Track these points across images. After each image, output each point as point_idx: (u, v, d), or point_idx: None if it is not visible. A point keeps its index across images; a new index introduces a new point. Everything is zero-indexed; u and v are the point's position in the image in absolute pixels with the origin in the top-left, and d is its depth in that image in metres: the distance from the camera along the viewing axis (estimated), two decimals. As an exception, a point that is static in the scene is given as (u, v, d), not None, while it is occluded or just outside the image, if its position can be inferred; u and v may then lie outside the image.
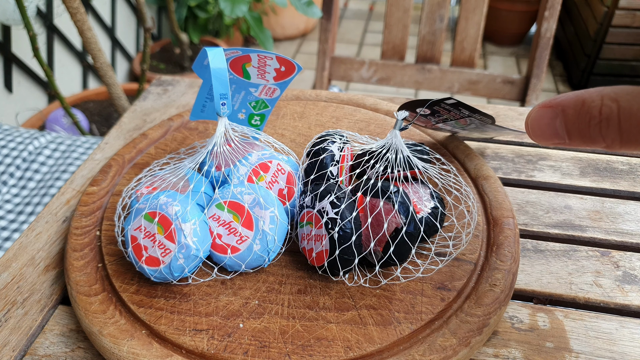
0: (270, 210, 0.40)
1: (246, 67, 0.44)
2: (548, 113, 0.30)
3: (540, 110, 0.30)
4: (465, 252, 0.43)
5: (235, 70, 0.44)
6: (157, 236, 0.39)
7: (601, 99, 0.26)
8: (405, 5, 1.17)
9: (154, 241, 0.39)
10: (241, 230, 0.40)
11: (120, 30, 2.06)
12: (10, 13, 1.21)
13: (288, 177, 0.44)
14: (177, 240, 0.38)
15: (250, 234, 0.40)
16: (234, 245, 0.40)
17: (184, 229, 0.38)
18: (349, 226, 0.38)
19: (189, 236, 0.38)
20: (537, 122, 0.30)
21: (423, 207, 0.41)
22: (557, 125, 0.29)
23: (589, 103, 0.27)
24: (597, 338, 0.39)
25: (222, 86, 0.40)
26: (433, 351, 0.36)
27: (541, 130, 0.30)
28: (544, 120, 0.30)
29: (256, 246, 0.40)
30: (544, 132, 0.30)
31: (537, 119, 0.30)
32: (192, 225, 0.39)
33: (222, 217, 0.41)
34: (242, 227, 0.40)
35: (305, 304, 0.39)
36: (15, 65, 1.50)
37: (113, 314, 0.39)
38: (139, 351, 0.36)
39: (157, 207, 0.39)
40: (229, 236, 0.40)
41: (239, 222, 0.40)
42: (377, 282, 0.40)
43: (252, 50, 0.43)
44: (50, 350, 0.39)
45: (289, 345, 0.36)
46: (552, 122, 0.29)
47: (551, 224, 0.49)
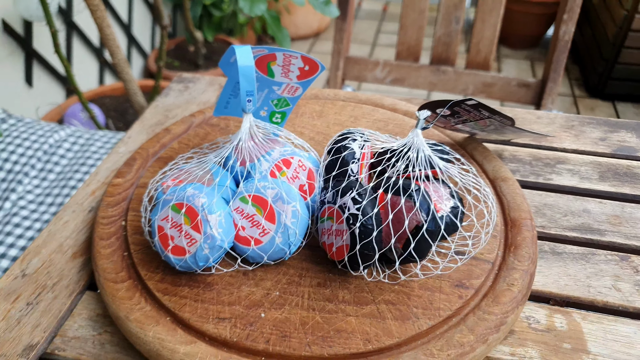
0: (292, 205, 0.41)
1: (271, 66, 0.45)
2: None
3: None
4: (483, 252, 0.43)
5: (260, 69, 0.45)
6: (183, 227, 0.40)
7: None
8: (421, 7, 1.18)
9: (181, 231, 0.40)
10: (264, 223, 0.41)
11: (136, 28, 2.08)
12: (34, 10, 1.22)
13: (309, 173, 0.45)
14: (202, 230, 0.39)
15: (273, 227, 0.41)
16: (256, 238, 0.41)
17: (210, 220, 0.39)
18: (370, 222, 0.39)
19: (215, 227, 0.39)
20: None
21: (443, 206, 0.42)
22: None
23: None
24: (615, 341, 0.40)
25: (248, 83, 0.41)
26: (451, 347, 0.37)
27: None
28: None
29: (278, 239, 0.41)
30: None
31: None
32: (218, 217, 0.40)
33: (245, 210, 0.42)
34: (265, 220, 0.41)
35: (324, 296, 0.40)
36: (35, 61, 1.52)
37: (139, 301, 0.40)
38: (164, 336, 0.37)
39: (184, 198, 0.40)
40: (252, 228, 0.41)
41: (262, 216, 0.41)
42: (396, 278, 0.41)
43: (278, 49, 0.44)
44: (79, 333, 0.40)
45: (309, 336, 0.37)
46: None
47: (569, 227, 0.50)
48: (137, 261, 0.42)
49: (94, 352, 0.39)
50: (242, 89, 0.41)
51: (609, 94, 2.30)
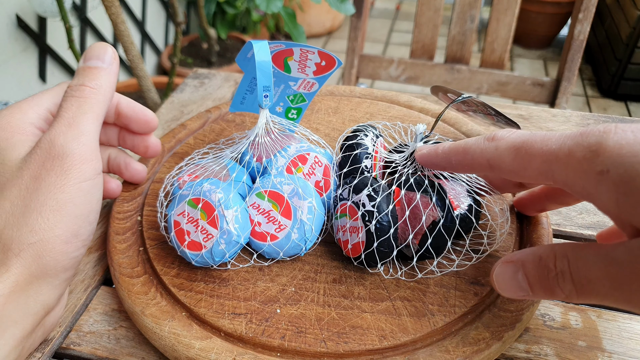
0: (308, 201, 0.41)
1: (288, 61, 0.45)
2: (510, 268, 0.33)
3: (502, 266, 0.34)
4: (498, 249, 0.43)
5: (277, 64, 0.45)
6: (200, 222, 0.40)
7: (554, 255, 0.30)
8: (436, 5, 1.17)
9: (197, 226, 0.40)
10: (280, 219, 0.41)
11: (149, 24, 2.09)
12: (48, 5, 1.23)
13: (325, 169, 0.45)
14: (219, 226, 0.39)
15: (289, 223, 0.41)
16: (272, 233, 0.41)
17: (227, 216, 0.39)
18: (387, 219, 0.39)
19: (231, 222, 0.39)
20: (501, 277, 0.34)
21: (460, 203, 0.42)
22: (519, 278, 0.32)
23: (545, 259, 0.31)
24: (630, 339, 0.40)
25: (265, 78, 0.41)
26: (466, 344, 0.37)
27: (505, 284, 0.34)
28: (507, 275, 0.33)
29: (294, 235, 0.41)
30: (508, 286, 0.33)
31: (501, 274, 0.34)
32: (234, 212, 0.40)
33: (262, 205, 0.42)
34: (281, 216, 0.41)
35: (340, 293, 0.40)
36: (49, 56, 1.53)
37: (154, 296, 0.40)
38: (179, 332, 0.37)
39: (201, 193, 0.40)
40: (268, 224, 0.41)
41: (278, 211, 0.41)
42: (412, 275, 0.41)
43: (295, 44, 0.44)
44: (94, 327, 0.41)
45: (325, 332, 0.37)
46: (514, 276, 0.33)
47: (584, 225, 0.49)
48: (153, 256, 0.43)
49: (109, 346, 0.39)
50: (259, 84, 0.41)
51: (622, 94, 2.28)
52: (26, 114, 0.37)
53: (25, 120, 0.37)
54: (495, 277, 0.34)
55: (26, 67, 1.47)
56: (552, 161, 0.30)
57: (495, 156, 0.34)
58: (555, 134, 0.31)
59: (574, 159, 0.29)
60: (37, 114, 0.38)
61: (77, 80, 0.38)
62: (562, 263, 0.30)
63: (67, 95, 0.37)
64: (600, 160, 0.28)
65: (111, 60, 0.39)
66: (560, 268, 0.30)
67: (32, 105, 0.38)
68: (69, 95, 0.37)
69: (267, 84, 0.41)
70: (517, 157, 0.33)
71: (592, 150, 0.28)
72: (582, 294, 0.29)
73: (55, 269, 0.34)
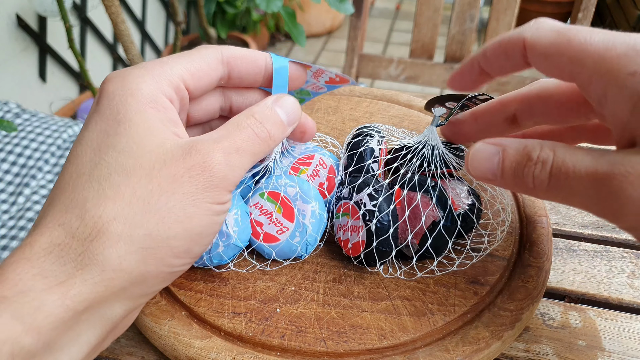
0: (311, 205, 0.41)
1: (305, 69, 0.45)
2: (490, 149, 0.33)
3: (483, 145, 0.33)
4: (498, 249, 0.43)
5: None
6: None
7: (541, 147, 0.30)
8: (436, 5, 1.17)
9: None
10: (282, 221, 0.41)
11: (149, 24, 2.09)
12: (48, 4, 1.23)
13: (329, 170, 0.45)
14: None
15: (291, 225, 0.41)
16: (274, 235, 0.41)
17: (227, 218, 0.39)
18: (387, 218, 0.39)
19: (230, 226, 0.39)
20: (478, 155, 0.33)
21: (461, 203, 0.42)
22: (495, 161, 0.32)
23: (530, 147, 0.30)
24: (630, 338, 0.40)
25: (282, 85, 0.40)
26: (466, 343, 0.37)
27: (479, 163, 0.33)
28: (484, 154, 0.33)
29: (295, 238, 0.41)
30: (480, 165, 0.33)
31: (479, 152, 0.33)
32: (234, 215, 0.40)
33: (264, 206, 0.42)
34: (283, 218, 0.41)
35: (340, 292, 0.40)
36: (49, 56, 1.53)
37: (154, 295, 0.40)
38: (179, 331, 0.37)
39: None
40: (269, 225, 0.41)
41: (280, 213, 0.41)
42: (412, 275, 0.41)
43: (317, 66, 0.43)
44: (94, 327, 0.41)
45: (325, 331, 0.37)
46: (491, 158, 0.32)
47: (584, 224, 0.49)
48: (153, 255, 0.43)
49: (109, 346, 0.39)
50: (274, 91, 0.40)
51: (623, 93, 2.28)
52: (159, 82, 0.32)
53: (157, 90, 0.32)
54: (471, 154, 0.34)
55: (26, 67, 1.47)
56: (589, 51, 0.30)
57: (535, 35, 0.33)
58: (603, 30, 0.31)
59: (612, 53, 0.29)
60: (169, 82, 0.33)
61: (262, 116, 0.34)
62: (547, 153, 0.29)
63: (248, 125, 0.33)
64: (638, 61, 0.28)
65: (292, 123, 0.37)
66: (543, 157, 0.29)
67: (166, 70, 0.33)
68: (249, 126, 0.33)
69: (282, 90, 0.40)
70: (557, 39, 0.31)
71: (636, 50, 0.28)
72: (552, 188, 0.29)
73: (155, 279, 0.30)
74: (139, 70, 0.32)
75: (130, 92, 0.31)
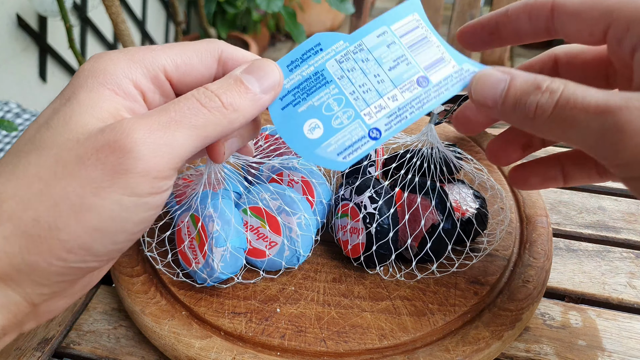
0: (296, 217, 0.40)
1: None
2: (498, 74, 0.31)
3: (492, 70, 0.31)
4: (498, 249, 0.43)
5: None
6: (194, 241, 0.39)
7: (552, 79, 0.28)
8: (436, 5, 1.17)
9: (192, 242, 0.39)
10: (269, 236, 0.40)
11: (150, 24, 2.09)
12: (48, 4, 1.23)
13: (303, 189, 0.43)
14: (206, 257, 0.38)
15: (279, 239, 0.40)
16: (263, 250, 0.40)
17: (214, 252, 0.38)
18: (387, 222, 0.39)
19: (217, 261, 0.38)
20: (483, 79, 0.31)
21: (468, 207, 0.42)
22: (499, 88, 0.30)
23: (540, 78, 0.29)
24: (630, 338, 0.40)
25: None
26: (466, 343, 0.37)
27: (482, 88, 0.31)
28: (491, 80, 0.31)
29: (285, 252, 0.40)
30: (483, 90, 0.31)
31: (485, 77, 0.31)
32: (223, 251, 0.38)
33: (249, 222, 0.41)
34: (271, 232, 0.40)
35: (340, 292, 0.40)
36: (50, 56, 1.53)
37: (154, 295, 0.40)
38: (179, 331, 0.37)
39: (202, 216, 0.39)
40: (258, 241, 0.41)
41: (266, 228, 0.41)
42: (412, 276, 0.41)
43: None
44: (94, 327, 0.41)
45: (325, 331, 0.37)
46: (496, 84, 0.30)
47: (584, 224, 0.49)
48: (152, 255, 0.43)
49: (109, 346, 0.39)
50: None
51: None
52: (131, 68, 0.29)
53: (125, 75, 0.29)
54: (477, 77, 0.32)
55: (26, 67, 1.47)
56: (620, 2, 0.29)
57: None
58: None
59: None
60: (146, 70, 0.30)
61: (218, 86, 0.29)
62: (558, 84, 0.28)
63: (192, 94, 0.29)
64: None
65: (268, 90, 0.31)
66: (553, 88, 0.28)
67: (147, 57, 0.30)
68: (193, 95, 0.29)
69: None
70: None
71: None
72: (554, 118, 0.28)
73: (48, 272, 0.26)
74: (119, 53, 0.30)
75: (94, 72, 0.29)
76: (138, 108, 0.30)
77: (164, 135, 0.26)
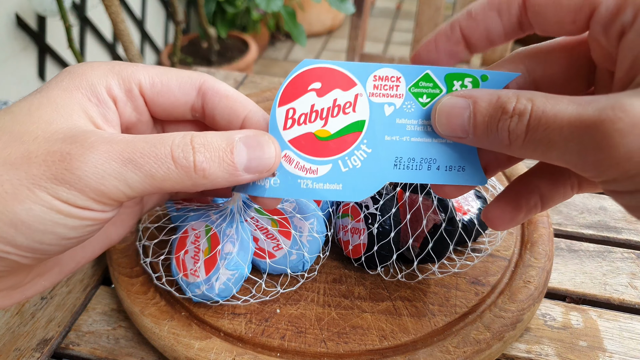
0: (309, 222, 0.40)
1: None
2: (459, 102, 0.29)
3: (452, 99, 0.29)
4: (499, 249, 0.43)
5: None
6: (200, 254, 0.38)
7: (517, 97, 0.26)
8: (437, 4, 1.17)
9: (196, 252, 0.39)
10: (278, 237, 0.40)
11: (149, 23, 2.09)
12: (48, 4, 1.23)
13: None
14: (209, 274, 0.38)
15: (287, 242, 0.40)
16: (270, 251, 0.40)
17: (221, 273, 0.37)
18: (389, 222, 0.39)
19: (219, 282, 0.37)
20: (446, 109, 0.29)
21: (470, 207, 0.42)
22: (465, 116, 0.28)
23: (504, 98, 0.27)
24: (631, 339, 0.39)
25: None
26: (467, 344, 0.36)
27: (448, 119, 0.29)
28: (454, 109, 0.29)
29: (292, 256, 0.40)
30: (449, 121, 0.29)
31: (447, 106, 0.29)
32: (231, 275, 0.38)
33: (260, 221, 0.41)
34: (280, 234, 0.40)
35: (340, 292, 0.40)
36: (49, 56, 1.53)
37: (154, 296, 0.40)
38: (178, 331, 0.37)
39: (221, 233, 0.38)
40: (266, 241, 0.40)
41: (276, 229, 0.40)
42: (413, 277, 0.41)
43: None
44: (93, 327, 0.40)
45: (325, 332, 0.37)
46: (461, 113, 0.28)
47: (585, 224, 0.49)
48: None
49: (108, 346, 0.39)
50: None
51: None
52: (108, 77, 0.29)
53: (101, 83, 0.29)
54: (438, 109, 0.29)
55: (26, 66, 1.46)
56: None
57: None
58: None
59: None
60: (122, 81, 0.30)
61: (203, 141, 0.27)
62: (524, 104, 0.26)
63: (172, 140, 0.27)
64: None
65: (253, 172, 0.29)
66: (520, 109, 0.26)
67: (126, 71, 0.30)
68: (172, 142, 0.27)
69: None
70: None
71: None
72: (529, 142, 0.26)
73: None
74: (102, 63, 0.30)
75: (72, 74, 0.29)
76: (110, 115, 0.30)
77: (118, 169, 0.26)
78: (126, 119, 0.31)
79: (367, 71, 0.30)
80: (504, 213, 0.32)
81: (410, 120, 0.30)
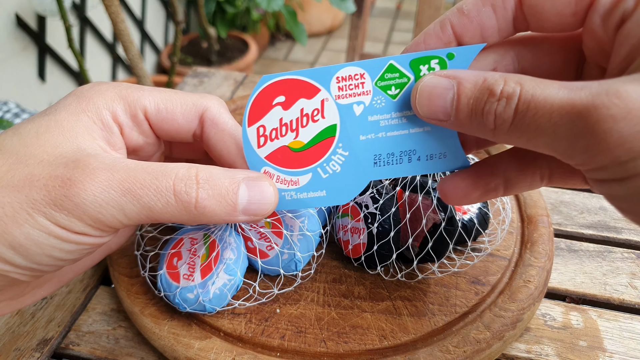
0: (300, 220, 0.40)
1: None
2: (442, 82, 0.27)
3: (434, 78, 0.27)
4: (499, 248, 0.43)
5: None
6: (196, 259, 0.38)
7: (504, 80, 0.25)
8: (437, 4, 1.17)
9: (193, 258, 0.38)
10: (271, 237, 0.40)
11: (149, 23, 2.09)
12: (48, 4, 1.23)
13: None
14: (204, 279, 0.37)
15: (279, 241, 0.40)
16: (263, 251, 0.40)
17: (219, 277, 0.37)
18: (389, 222, 0.39)
19: (217, 285, 0.37)
20: (427, 89, 0.27)
21: (469, 207, 0.42)
22: (447, 98, 0.27)
23: (491, 80, 0.25)
24: (631, 339, 0.39)
25: None
26: (467, 343, 0.36)
27: (428, 100, 0.27)
28: (436, 89, 0.27)
29: (284, 255, 0.40)
30: (430, 103, 0.27)
31: (429, 86, 0.27)
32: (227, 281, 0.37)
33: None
34: (272, 234, 0.40)
35: (340, 292, 0.40)
36: (49, 56, 1.53)
37: (154, 296, 0.40)
38: (178, 331, 0.37)
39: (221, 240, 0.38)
40: (260, 240, 0.40)
41: (269, 229, 0.40)
42: (413, 276, 0.41)
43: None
44: (93, 327, 0.40)
45: (325, 332, 0.37)
46: (443, 94, 0.27)
47: (585, 224, 0.49)
48: (152, 257, 0.42)
49: (108, 346, 0.39)
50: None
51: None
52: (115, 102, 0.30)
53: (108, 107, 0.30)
54: (420, 88, 0.27)
55: (25, 66, 1.46)
56: None
57: None
58: None
59: None
60: (128, 107, 0.31)
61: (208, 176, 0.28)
62: (513, 87, 0.24)
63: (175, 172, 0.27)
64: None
65: (249, 214, 0.29)
66: (509, 92, 0.24)
67: (133, 96, 0.31)
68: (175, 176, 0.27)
69: None
70: None
71: None
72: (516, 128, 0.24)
73: None
74: (111, 85, 0.31)
75: (80, 97, 0.30)
76: (114, 139, 0.31)
77: (116, 199, 0.26)
78: (133, 142, 0.33)
79: (328, 74, 0.29)
80: (458, 188, 0.31)
81: (383, 115, 0.30)
